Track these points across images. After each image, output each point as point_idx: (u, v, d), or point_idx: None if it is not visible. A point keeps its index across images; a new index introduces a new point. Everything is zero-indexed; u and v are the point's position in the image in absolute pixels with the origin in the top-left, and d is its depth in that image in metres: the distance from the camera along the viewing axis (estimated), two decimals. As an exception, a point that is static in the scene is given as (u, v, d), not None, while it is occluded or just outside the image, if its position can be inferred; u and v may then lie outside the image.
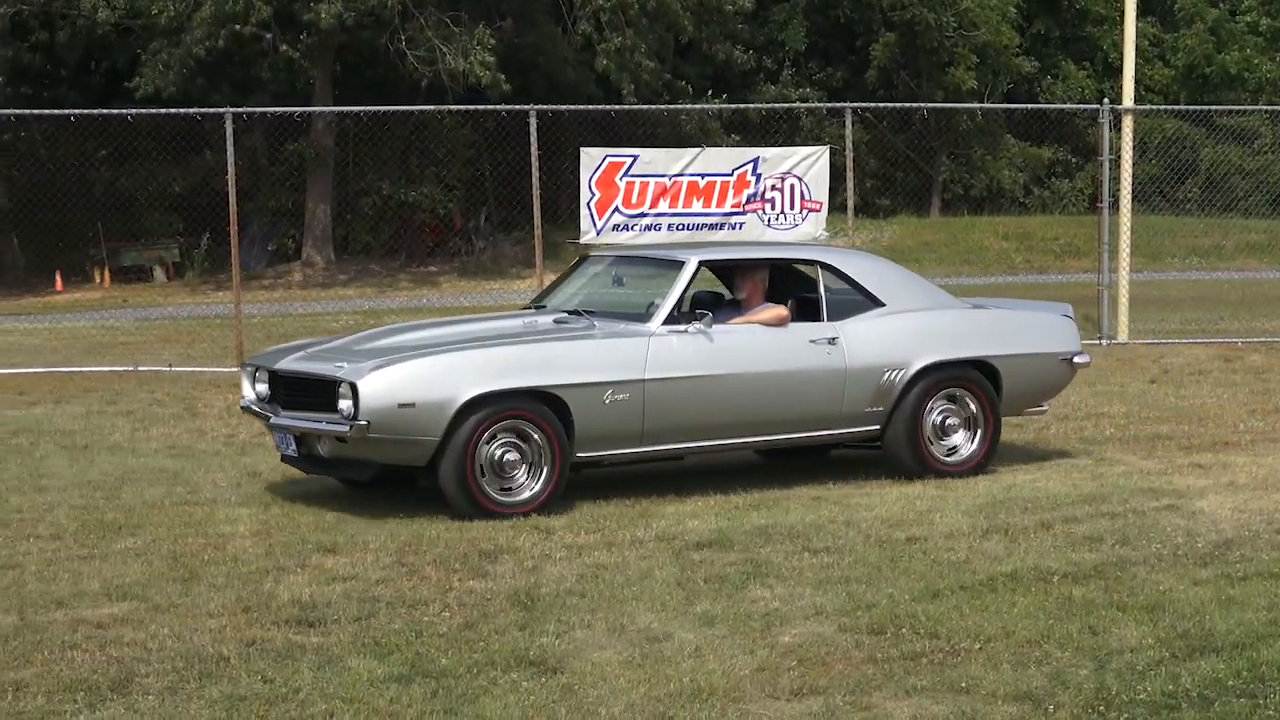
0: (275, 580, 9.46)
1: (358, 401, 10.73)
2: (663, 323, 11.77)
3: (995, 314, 13.60)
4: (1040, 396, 13.40)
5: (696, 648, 7.92)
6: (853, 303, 12.50)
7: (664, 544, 10.38)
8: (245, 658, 7.84)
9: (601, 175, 22.97)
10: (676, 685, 7.26)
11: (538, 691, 7.21)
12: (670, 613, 8.65)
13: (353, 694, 7.18)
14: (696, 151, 24.85)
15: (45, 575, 9.69)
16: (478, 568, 9.78)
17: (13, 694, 7.26)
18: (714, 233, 23.98)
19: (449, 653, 7.86)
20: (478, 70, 39.99)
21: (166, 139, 39.65)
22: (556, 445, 11.19)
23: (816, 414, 12.20)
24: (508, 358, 11.45)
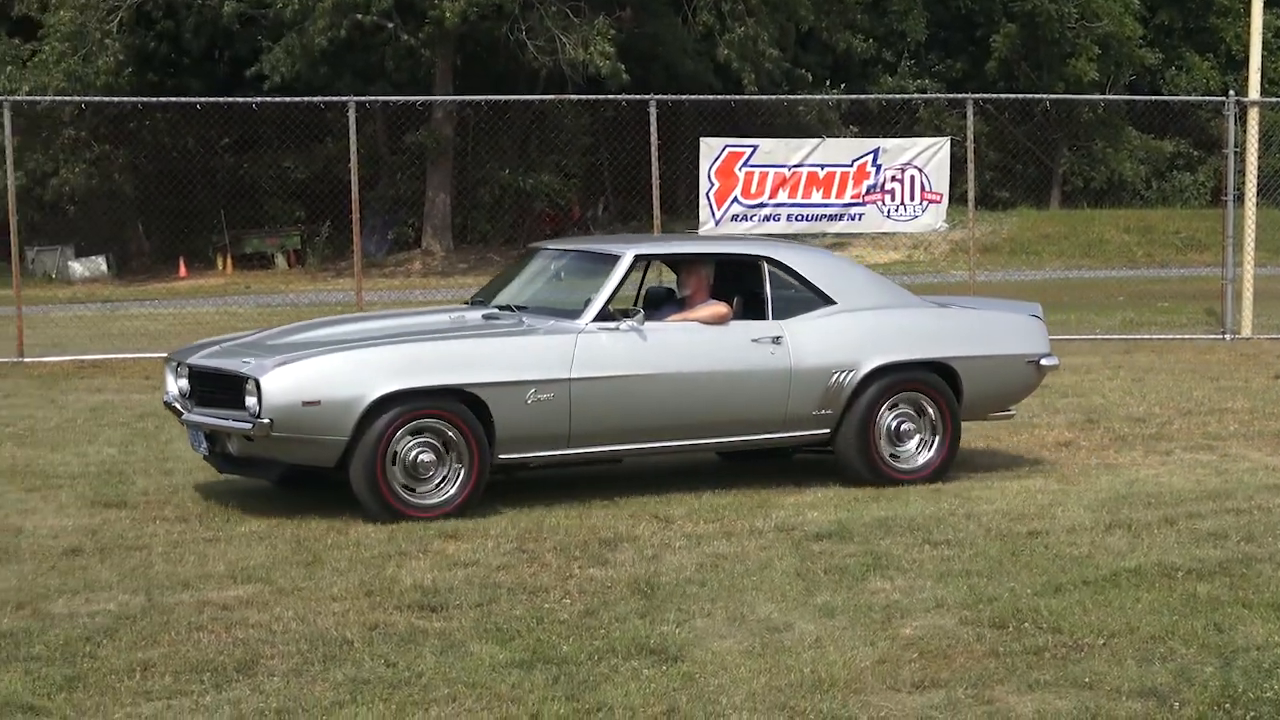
0: (397, 565, 9.51)
1: (261, 399, 10.32)
2: (594, 319, 11.24)
3: (956, 313, 12.92)
4: (1006, 400, 12.78)
5: (817, 638, 7.88)
6: (802, 301, 11.96)
7: (783, 534, 10.33)
8: (368, 641, 7.89)
9: (721, 165, 22.95)
10: (797, 676, 7.23)
11: (658, 679, 7.20)
12: (790, 603, 8.61)
13: (475, 679, 7.20)
14: (817, 142, 24.80)
15: (171, 557, 9.80)
16: (598, 555, 9.79)
17: (140, 673, 7.33)
18: (832, 223, 23.95)
19: (570, 639, 7.87)
20: (598, 60, 40.03)
21: (289, 127, 40.01)
22: (475, 447, 10.73)
23: (759, 417, 11.63)
24: (420, 355, 11.00)
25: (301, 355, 10.87)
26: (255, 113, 36.49)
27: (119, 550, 9.99)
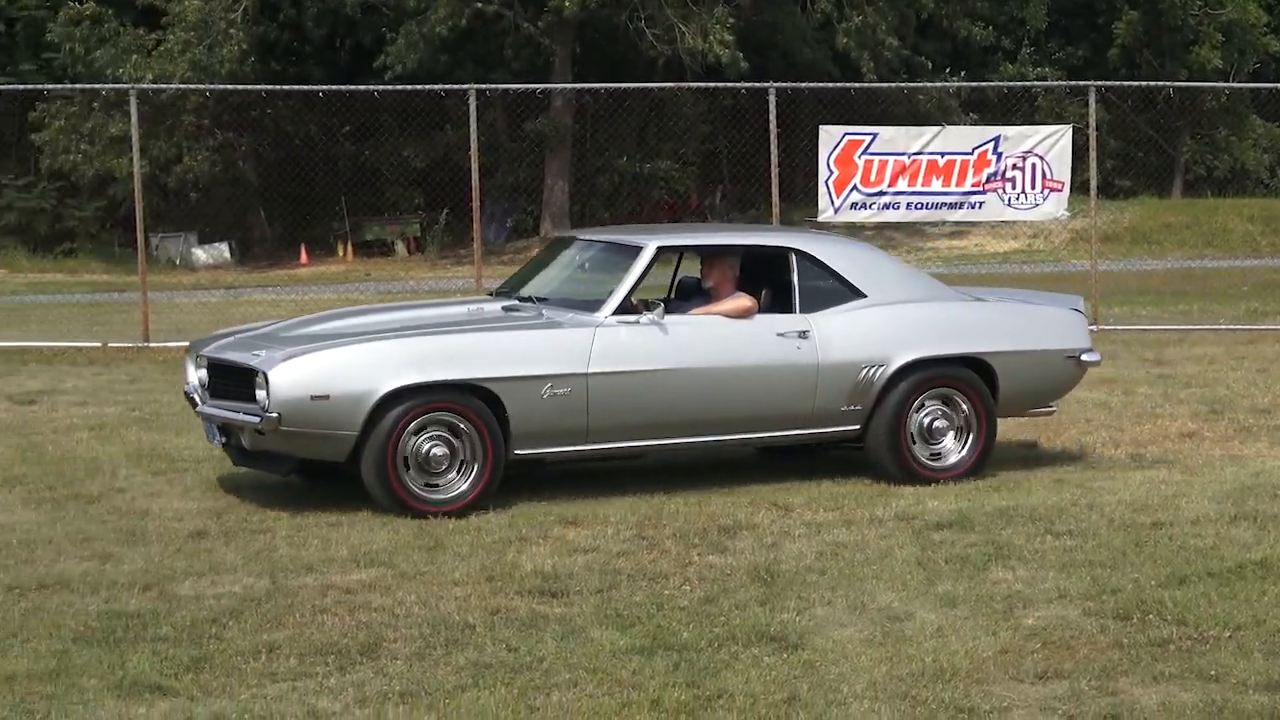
0: (518, 551, 9.55)
1: (269, 392, 10.15)
2: (613, 312, 10.97)
3: (993, 308, 12.48)
4: (1045, 396, 12.27)
5: (938, 628, 7.85)
6: (831, 293, 11.56)
7: (903, 523, 10.28)
8: (490, 626, 7.94)
9: (840, 153, 22.83)
10: (918, 665, 7.20)
11: (779, 667, 7.19)
12: (911, 592, 8.57)
13: (595, 665, 7.22)
14: (937, 130, 24.62)
15: (295, 541, 9.89)
16: (717, 543, 9.79)
17: (266, 655, 7.41)
18: (952, 212, 23.78)
19: (690, 626, 7.87)
20: (717, 49, 39.97)
21: (409, 115, 40.31)
22: (489, 442, 10.48)
23: (785, 413, 11.33)
24: (433, 348, 10.77)
25: (311, 348, 10.76)
26: (376, 101, 36.85)
27: (243, 533, 10.12)
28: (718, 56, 40.01)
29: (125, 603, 8.43)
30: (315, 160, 43.23)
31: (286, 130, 45.41)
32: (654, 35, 40.97)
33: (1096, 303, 23.05)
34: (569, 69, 43.89)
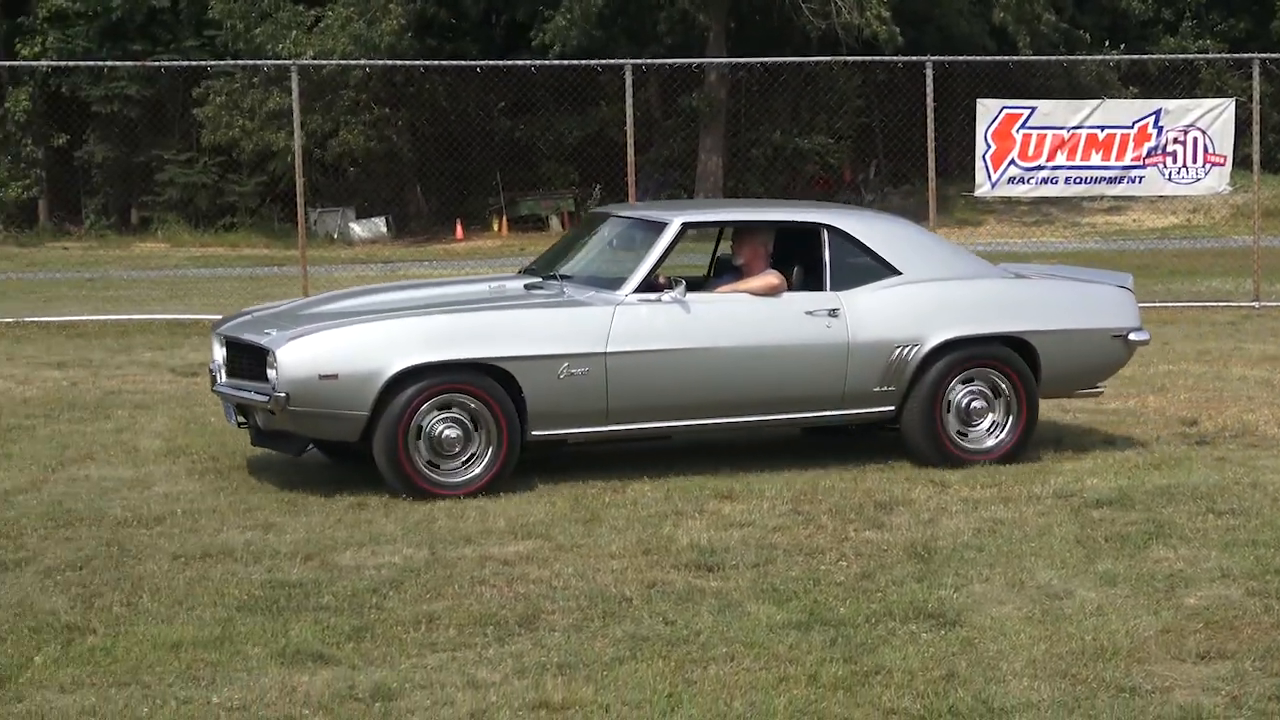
0: (674, 524, 9.58)
1: (277, 372, 10.05)
2: (635, 290, 10.72)
3: (1035, 285, 12.12)
4: (1092, 377, 11.86)
5: (1098, 606, 7.77)
6: (865, 270, 11.21)
7: (1062, 501, 10.19)
8: (647, 599, 7.97)
9: (998, 127, 22.67)
10: (1078, 643, 7.13)
11: (937, 643, 7.16)
12: (1070, 570, 8.50)
13: (752, 638, 7.23)
14: (1096, 103, 24.33)
15: (453, 513, 9.97)
16: (873, 518, 9.77)
17: (425, 625, 7.48)
18: (1111, 186, 23.52)
19: (847, 602, 7.86)
20: (874, 24, 39.73)
21: (564, 91, 40.37)
22: (504, 423, 10.27)
23: (814, 393, 11.03)
24: (445, 327, 10.59)
25: (320, 327, 10.60)
26: (532, 76, 36.93)
27: (402, 505, 10.21)
28: (875, 31, 39.80)
29: (288, 572, 8.57)
30: (471, 136, 43.38)
31: (442, 106, 45.62)
32: (810, 10, 40.80)
33: (1259, 279, 22.71)
34: (723, 44, 43.78)
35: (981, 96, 24.51)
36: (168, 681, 6.77)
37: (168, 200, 45.69)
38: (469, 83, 43.04)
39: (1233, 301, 23.22)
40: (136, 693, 6.61)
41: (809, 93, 46.38)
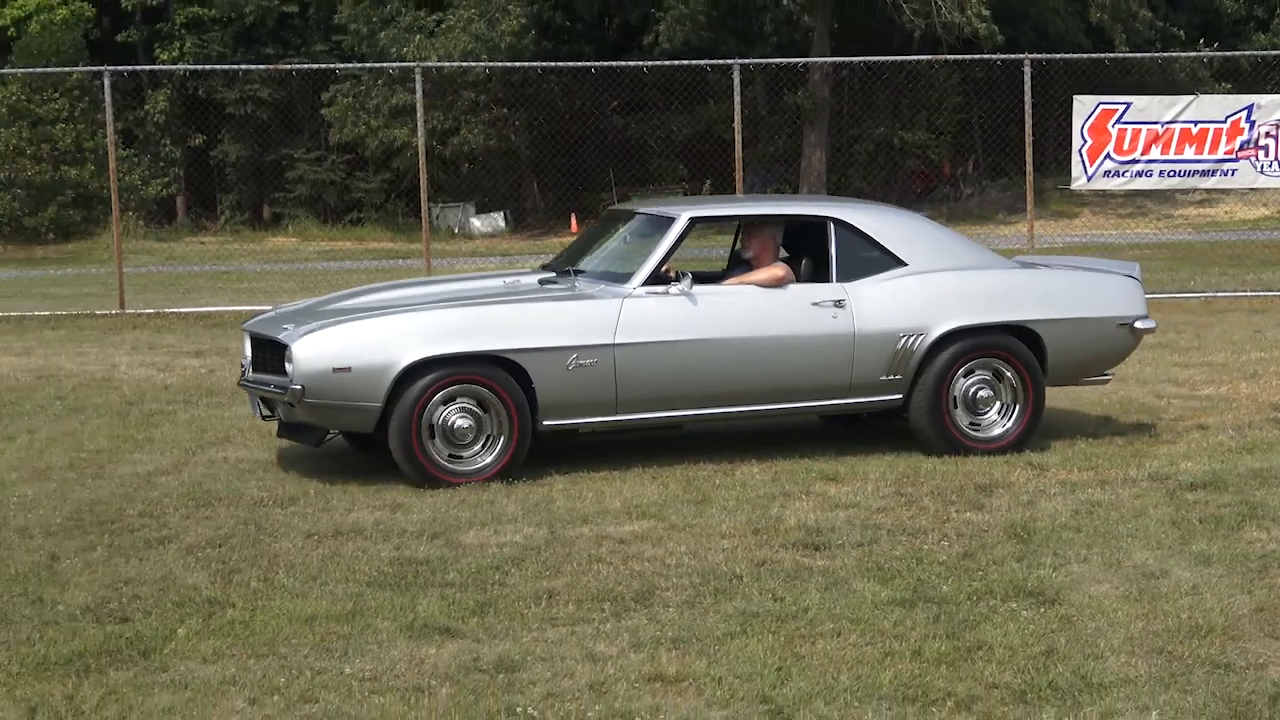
0: (782, 505, 9.59)
1: (294, 365, 10.08)
2: (643, 283, 10.57)
3: (1041, 274, 11.74)
4: (1099, 365, 11.59)
5: (1193, 585, 7.70)
6: (870, 262, 10.97)
7: (1157, 483, 10.09)
8: (756, 576, 7.98)
9: (1094, 122, 22.53)
10: (1174, 621, 7.07)
11: (1036, 621, 7.12)
12: (1165, 550, 8.43)
13: (858, 615, 7.22)
14: (1190, 98, 24.01)
15: (571, 494, 10.04)
16: (974, 500, 9.71)
17: (546, 601, 7.54)
18: (1205, 179, 23.30)
19: (949, 580, 7.83)
20: (975, 22, 39.52)
21: (674, 90, 40.44)
22: (515, 413, 10.20)
23: (821, 383, 10.80)
24: (455, 320, 10.45)
25: (333, 322, 10.53)
26: (643, 76, 36.95)
27: (523, 487, 10.27)
28: (975, 29, 39.59)
29: (415, 550, 8.64)
30: (585, 133, 43.56)
31: (558, 105, 45.89)
32: (911, 9, 40.64)
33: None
34: (827, 43, 43.69)
35: (1078, 93, 24.37)
36: (303, 653, 6.85)
37: (298, 196, 46.20)
38: (583, 82, 43.14)
39: (1323, 290, 22.96)
40: (273, 664, 6.70)
41: (910, 90, 46.24)
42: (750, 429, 12.15)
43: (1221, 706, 6.08)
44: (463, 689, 6.39)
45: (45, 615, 7.47)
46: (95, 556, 8.60)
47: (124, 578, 8.12)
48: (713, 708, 6.16)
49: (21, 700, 6.33)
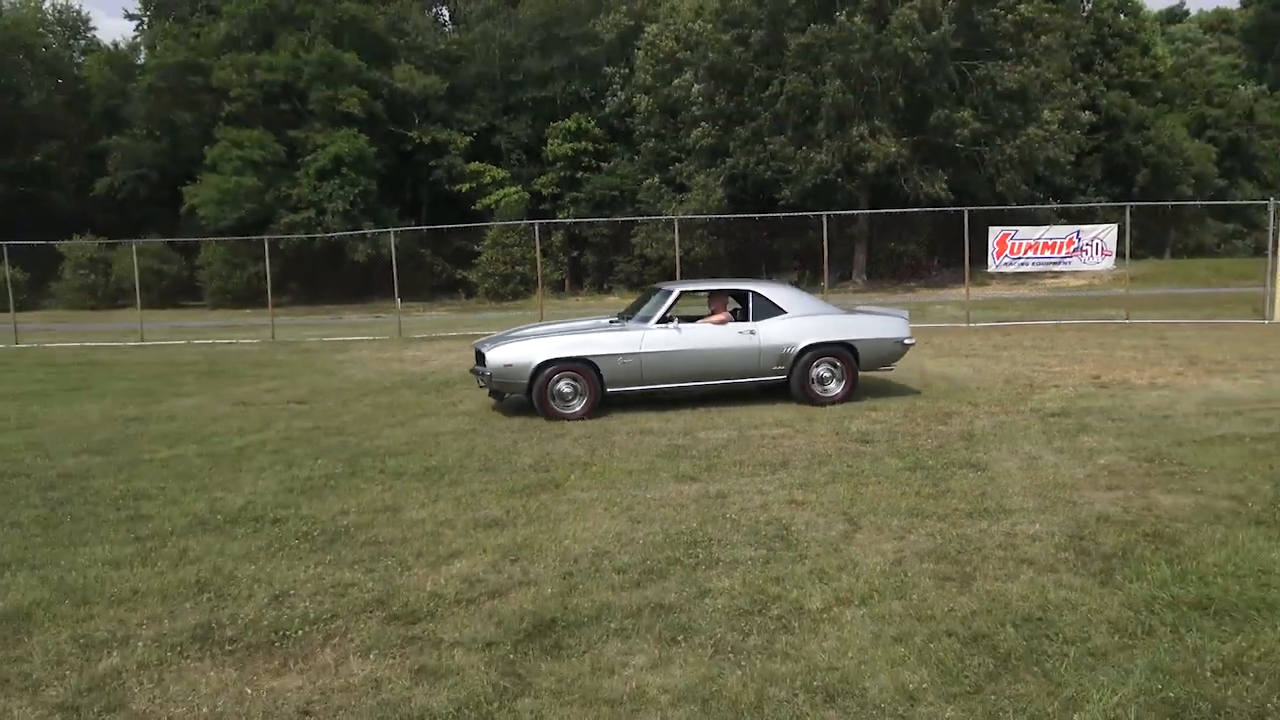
0: (849, 422, 9.19)
1: (487, 363, 9.94)
2: (656, 322, 10.16)
3: (857, 316, 10.83)
4: (886, 361, 10.80)
5: (1054, 464, 7.27)
6: (769, 311, 10.42)
7: (1033, 414, 9.42)
8: (838, 454, 7.71)
9: (999, 239, 21.57)
10: (1047, 478, 6.74)
11: (976, 478, 6.83)
12: (1039, 446, 7.89)
13: (886, 474, 7.02)
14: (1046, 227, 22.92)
15: (749, 413, 9.74)
16: (942, 420, 9.15)
17: (738, 465, 7.41)
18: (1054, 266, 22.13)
19: (932, 458, 7.48)
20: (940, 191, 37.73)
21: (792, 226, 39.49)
22: (592, 386, 9.82)
23: (744, 370, 10.24)
24: (561, 342, 9.99)
25: (504, 340, 10.33)
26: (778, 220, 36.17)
27: (729, 410, 9.91)
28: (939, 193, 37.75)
29: (676, 440, 8.48)
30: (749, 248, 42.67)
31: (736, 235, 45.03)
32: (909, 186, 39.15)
33: (1128, 309, 21.09)
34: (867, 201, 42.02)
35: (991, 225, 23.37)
36: (627, 486, 6.88)
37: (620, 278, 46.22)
38: (751, 222, 42.45)
39: (1111, 320, 21.71)
40: (614, 493, 6.74)
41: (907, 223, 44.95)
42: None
43: (1069, 523, 5.81)
44: (700, 504, 6.37)
45: (511, 467, 7.62)
46: (532, 440, 8.70)
47: (545, 452, 8.19)
48: (818, 515, 6.07)
49: (502, 505, 6.47)
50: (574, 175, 46.96)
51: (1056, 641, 4.17)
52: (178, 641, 4.29)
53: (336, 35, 44.93)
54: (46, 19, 57.23)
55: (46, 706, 3.75)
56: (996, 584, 4.82)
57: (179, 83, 46.74)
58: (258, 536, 5.81)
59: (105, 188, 48.89)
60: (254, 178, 42.83)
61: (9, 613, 4.65)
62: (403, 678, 3.93)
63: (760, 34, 38.99)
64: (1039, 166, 40.31)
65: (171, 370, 15.91)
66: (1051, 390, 11.03)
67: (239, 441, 8.90)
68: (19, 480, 7.44)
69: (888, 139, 37.10)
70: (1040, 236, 21.74)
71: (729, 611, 4.52)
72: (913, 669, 3.94)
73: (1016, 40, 37.75)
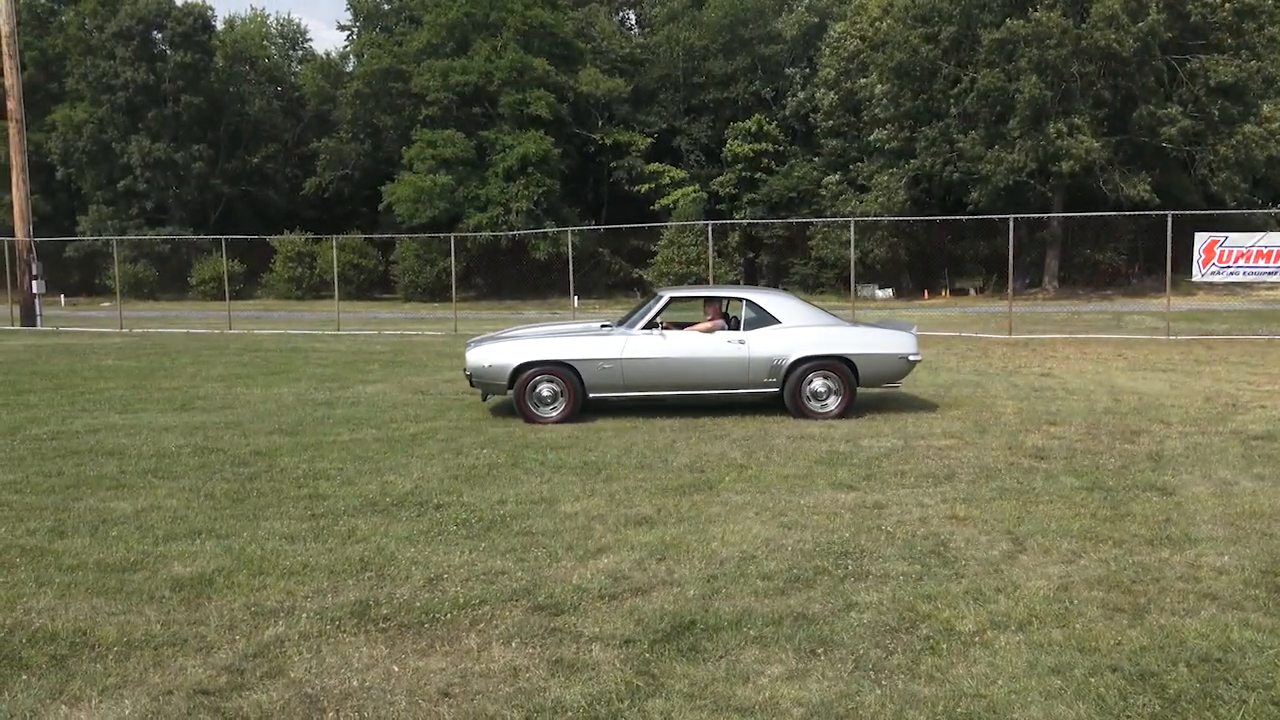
0: (1023, 436, 8.78)
1: (468, 361, 9.89)
2: (641, 329, 9.83)
3: (858, 328, 10.23)
4: (891, 379, 10.08)
5: (1253, 491, 6.67)
6: (762, 320, 9.94)
7: (1232, 435, 8.71)
8: (1008, 470, 7.35)
9: (1205, 246, 19.96)
10: (1243, 507, 6.19)
11: (1162, 503, 6.35)
12: (1237, 470, 7.28)
13: (1061, 493, 6.61)
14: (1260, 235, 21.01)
15: (917, 421, 9.46)
16: (1129, 438, 8.59)
17: (899, 475, 7.17)
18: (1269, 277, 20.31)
19: (1113, 478, 7.03)
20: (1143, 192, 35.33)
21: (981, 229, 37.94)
22: (572, 389, 9.62)
23: (733, 381, 9.76)
24: (543, 344, 9.80)
25: (486, 341, 10.17)
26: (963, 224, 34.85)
27: (893, 419, 9.68)
28: (1142, 195, 35.38)
29: (837, 446, 8.33)
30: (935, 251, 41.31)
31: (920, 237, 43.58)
32: (1108, 187, 36.86)
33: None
34: (1062, 203, 39.91)
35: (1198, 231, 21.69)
36: (781, 492, 6.78)
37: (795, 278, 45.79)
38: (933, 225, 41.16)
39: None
40: (767, 497, 6.65)
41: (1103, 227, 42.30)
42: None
43: (1263, 556, 5.30)
44: (854, 514, 6.20)
45: (667, 467, 7.64)
46: (690, 440, 8.69)
47: (702, 452, 8.17)
48: (980, 533, 5.79)
49: (654, 504, 6.48)
50: (752, 176, 46.78)
51: (1235, 686, 3.80)
52: (338, 616, 4.53)
53: (527, 41, 46.44)
54: (270, 32, 61.86)
55: (215, 668, 4.03)
56: (1173, 619, 4.46)
57: (382, 88, 49.55)
58: (420, 520, 6.07)
59: (314, 187, 52.46)
60: (446, 177, 44.83)
61: (194, 578, 5.03)
62: (540, 668, 4.00)
63: (951, 29, 37.61)
64: (1259, 167, 37.04)
65: (361, 358, 16.88)
66: (1257, 411, 10.13)
67: (414, 428, 9.33)
68: (216, 455, 8.06)
69: (1086, 137, 34.99)
70: (1254, 244, 19.95)
71: (874, 627, 4.37)
72: (1068, 704, 3.69)
73: (1236, 31, 34.82)
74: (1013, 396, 11.28)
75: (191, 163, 50.37)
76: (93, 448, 8.36)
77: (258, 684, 3.88)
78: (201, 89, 51.04)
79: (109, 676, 3.94)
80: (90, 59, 50.03)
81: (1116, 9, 33.41)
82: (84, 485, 7.02)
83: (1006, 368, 14.42)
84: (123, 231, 47.89)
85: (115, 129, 50.18)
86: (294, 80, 58.37)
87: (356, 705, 3.70)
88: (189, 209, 51.70)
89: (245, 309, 37.15)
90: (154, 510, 6.32)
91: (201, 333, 24.57)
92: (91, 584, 4.93)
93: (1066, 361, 15.23)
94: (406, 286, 45.76)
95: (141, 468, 7.57)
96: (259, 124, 54.84)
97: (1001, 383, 12.58)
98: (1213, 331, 20.82)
